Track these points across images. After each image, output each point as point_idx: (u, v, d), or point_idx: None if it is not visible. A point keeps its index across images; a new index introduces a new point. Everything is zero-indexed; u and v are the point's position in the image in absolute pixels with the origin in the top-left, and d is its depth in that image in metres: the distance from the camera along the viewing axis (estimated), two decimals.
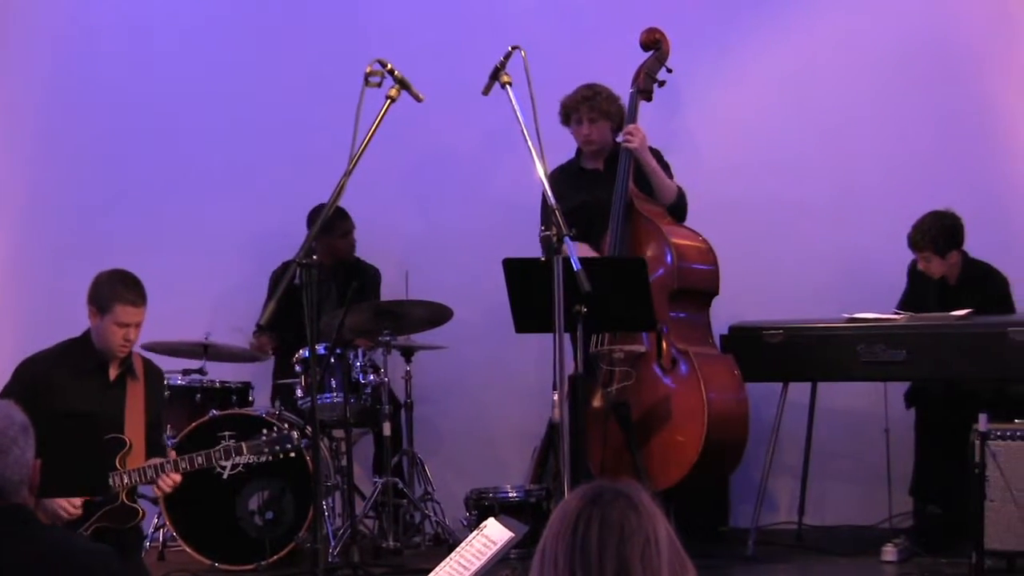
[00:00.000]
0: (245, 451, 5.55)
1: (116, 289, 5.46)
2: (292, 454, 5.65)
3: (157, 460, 5.49)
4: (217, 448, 5.54)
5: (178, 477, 5.43)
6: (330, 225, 6.90)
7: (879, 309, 6.81)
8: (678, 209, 6.80)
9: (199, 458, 5.48)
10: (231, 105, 8.14)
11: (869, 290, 7.23)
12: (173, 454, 5.61)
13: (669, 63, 6.83)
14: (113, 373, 5.59)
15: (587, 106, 6.79)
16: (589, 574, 2.18)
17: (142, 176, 8.15)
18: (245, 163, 8.12)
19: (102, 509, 5.40)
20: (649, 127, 6.79)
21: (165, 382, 6.14)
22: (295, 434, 5.62)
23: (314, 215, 7.35)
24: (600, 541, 2.19)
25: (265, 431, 5.70)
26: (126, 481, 5.40)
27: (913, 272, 7.01)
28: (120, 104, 8.17)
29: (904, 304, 6.95)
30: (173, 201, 8.09)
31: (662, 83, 6.84)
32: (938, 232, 6.73)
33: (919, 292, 6.98)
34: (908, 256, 6.95)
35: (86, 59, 8.20)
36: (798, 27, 7.74)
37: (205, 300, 7.94)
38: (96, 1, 8.28)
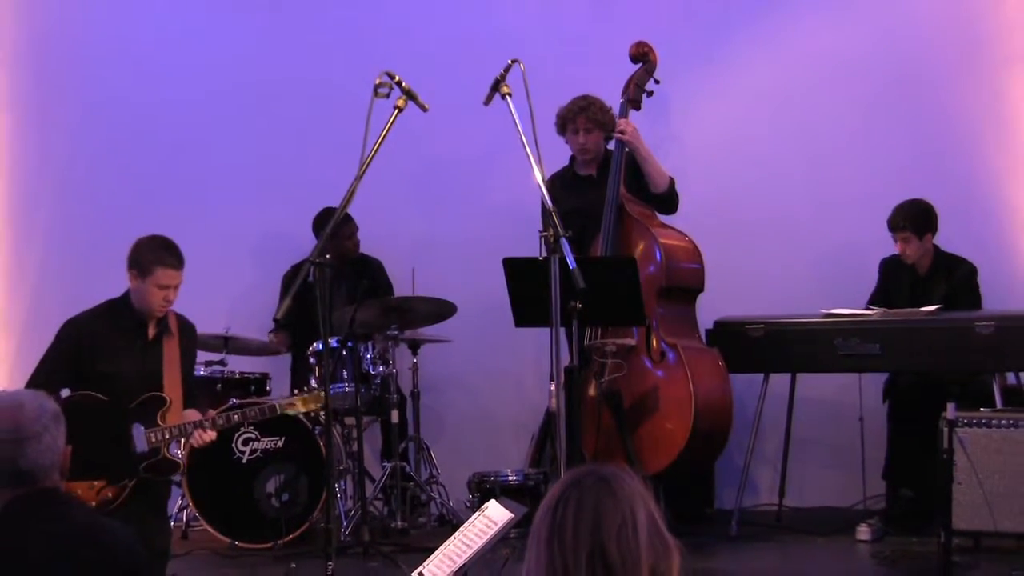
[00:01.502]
0: (279, 408, 5.49)
1: (157, 253, 5.39)
2: (321, 411, 5.56)
3: (195, 416, 5.42)
4: (252, 406, 5.51)
5: (214, 434, 5.38)
6: (338, 230, 6.89)
7: (855, 306, 6.82)
8: (671, 197, 6.76)
9: (235, 415, 5.43)
10: (247, 119, 8.13)
11: (846, 288, 7.22)
12: (211, 413, 5.52)
13: (657, 74, 6.83)
14: (151, 332, 5.51)
15: (583, 116, 6.79)
16: (564, 554, 2.15)
17: (164, 183, 8.13)
18: (259, 172, 8.11)
19: (146, 462, 5.33)
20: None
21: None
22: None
23: (319, 218, 7.36)
24: (575, 523, 2.16)
25: (296, 390, 5.61)
26: (166, 436, 5.33)
27: (884, 268, 7.03)
28: (144, 117, 8.14)
29: (875, 298, 6.97)
30: (192, 207, 8.06)
31: (650, 93, 6.83)
32: (916, 214, 6.81)
33: (891, 285, 7.00)
34: (883, 256, 6.96)
35: (112, 74, 8.17)
36: (780, 42, 7.74)
37: (223, 299, 7.91)
38: (121, 20, 8.25)
